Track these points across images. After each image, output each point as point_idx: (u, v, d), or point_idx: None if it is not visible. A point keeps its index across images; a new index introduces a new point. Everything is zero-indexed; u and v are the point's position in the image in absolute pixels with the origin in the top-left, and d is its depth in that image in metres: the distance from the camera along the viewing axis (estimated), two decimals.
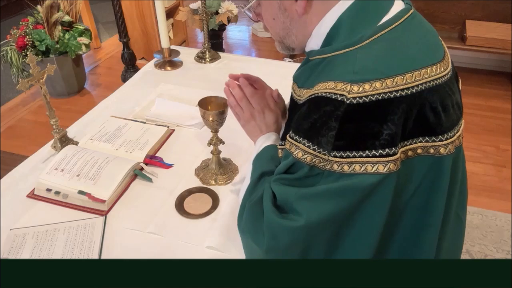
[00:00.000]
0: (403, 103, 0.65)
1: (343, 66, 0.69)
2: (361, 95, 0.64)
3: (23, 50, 2.81)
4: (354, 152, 0.66)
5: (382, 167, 0.66)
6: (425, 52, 0.71)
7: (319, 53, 0.76)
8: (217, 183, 1.13)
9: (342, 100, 0.65)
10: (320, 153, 0.67)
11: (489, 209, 2.16)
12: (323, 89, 0.68)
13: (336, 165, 0.67)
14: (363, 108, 0.64)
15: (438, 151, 0.71)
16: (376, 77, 0.65)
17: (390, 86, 0.65)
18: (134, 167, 1.13)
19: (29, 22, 2.89)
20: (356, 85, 0.65)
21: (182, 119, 1.38)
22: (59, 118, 1.22)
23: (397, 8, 0.72)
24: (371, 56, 0.67)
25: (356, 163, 0.66)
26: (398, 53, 0.68)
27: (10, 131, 2.88)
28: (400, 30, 0.70)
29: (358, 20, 0.71)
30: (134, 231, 0.99)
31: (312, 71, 0.77)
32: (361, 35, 0.69)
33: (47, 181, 1.08)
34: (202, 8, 1.77)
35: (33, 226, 1.00)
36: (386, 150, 0.65)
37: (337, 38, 0.72)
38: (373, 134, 0.65)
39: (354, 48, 0.69)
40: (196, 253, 0.94)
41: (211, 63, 1.79)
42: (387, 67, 0.66)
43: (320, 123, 0.67)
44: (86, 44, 3.01)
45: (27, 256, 0.93)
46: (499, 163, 2.50)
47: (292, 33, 0.80)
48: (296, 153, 0.70)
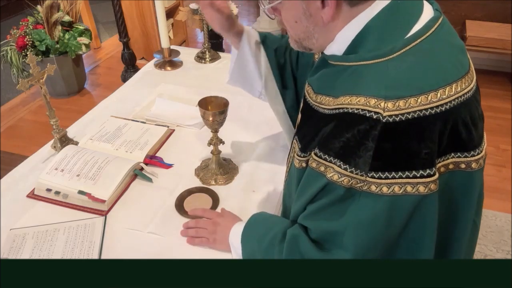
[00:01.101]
0: (438, 120, 0.63)
1: (373, 79, 0.65)
2: (397, 113, 0.61)
3: (23, 50, 2.81)
4: (394, 173, 0.63)
5: (423, 188, 0.64)
6: (455, 65, 0.68)
7: (343, 59, 0.71)
8: (217, 183, 1.13)
9: (377, 119, 0.61)
10: (357, 174, 0.64)
11: (489, 209, 2.16)
12: (353, 104, 0.65)
13: (374, 186, 0.64)
14: (400, 127, 0.62)
15: (469, 166, 0.70)
16: (410, 93, 0.62)
17: (425, 103, 0.62)
18: (134, 167, 1.13)
19: (29, 22, 2.89)
20: (390, 102, 0.61)
21: (182, 119, 1.38)
22: (59, 118, 1.22)
23: (427, 16, 0.69)
24: (403, 70, 0.64)
25: (395, 184, 0.63)
26: (430, 66, 0.66)
27: (10, 131, 2.88)
28: (431, 41, 0.67)
29: (388, 28, 0.67)
30: (134, 231, 0.99)
31: (333, 78, 0.73)
32: (392, 45, 0.65)
33: (47, 181, 1.08)
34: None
35: (33, 226, 1.00)
36: (427, 170, 0.63)
37: (364, 46, 0.68)
38: (412, 153, 0.63)
39: (385, 59, 0.65)
40: (196, 253, 0.94)
41: (211, 63, 1.79)
42: (421, 82, 0.63)
43: (355, 143, 0.64)
44: (86, 44, 3.01)
45: (27, 256, 0.93)
46: (499, 163, 2.50)
47: (314, 36, 0.75)
48: (331, 176, 0.66)
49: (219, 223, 0.96)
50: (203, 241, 0.95)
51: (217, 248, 0.95)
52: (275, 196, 1.09)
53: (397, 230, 0.67)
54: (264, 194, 1.10)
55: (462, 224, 0.74)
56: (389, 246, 0.69)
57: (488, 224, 2.09)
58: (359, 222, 0.66)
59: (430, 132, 0.63)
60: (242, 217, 0.99)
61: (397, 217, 0.66)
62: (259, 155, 1.23)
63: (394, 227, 0.67)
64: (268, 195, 1.10)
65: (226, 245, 0.93)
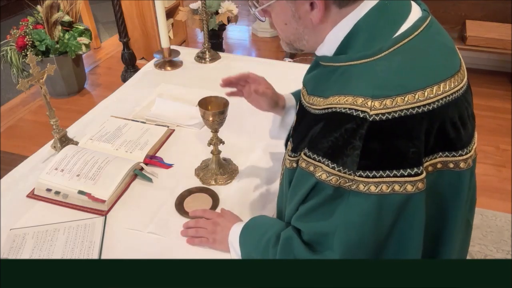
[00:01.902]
0: (425, 119, 0.63)
1: (361, 78, 0.65)
2: (383, 111, 0.62)
3: (23, 50, 2.81)
4: (381, 172, 0.63)
5: (410, 186, 0.64)
6: (444, 64, 0.69)
7: (333, 60, 0.72)
8: (217, 183, 1.13)
9: (364, 117, 0.62)
10: (345, 173, 0.64)
11: (489, 209, 2.16)
12: (341, 103, 0.65)
13: (362, 185, 0.64)
14: (387, 126, 0.62)
15: (458, 166, 0.70)
16: (397, 92, 0.62)
17: (412, 102, 0.62)
18: (134, 167, 1.13)
19: (29, 22, 2.89)
20: (377, 100, 0.62)
21: (182, 119, 1.38)
22: (59, 118, 1.22)
23: (415, 15, 0.69)
24: (391, 69, 0.65)
25: (383, 183, 0.64)
26: (418, 66, 0.66)
27: (10, 131, 2.88)
28: (419, 40, 0.67)
29: (376, 28, 0.67)
30: (134, 231, 0.99)
31: (324, 79, 0.74)
32: (380, 45, 0.66)
33: (47, 181, 1.08)
34: (202, 8, 1.77)
35: (33, 226, 1.00)
36: (415, 169, 0.63)
37: (353, 47, 0.68)
38: (399, 152, 0.63)
39: (373, 59, 0.66)
40: (196, 253, 0.94)
41: (211, 63, 1.79)
42: (408, 82, 0.64)
43: (343, 142, 0.64)
44: (86, 44, 3.01)
45: (27, 256, 0.93)
46: (499, 163, 2.50)
47: (304, 38, 0.76)
48: (319, 175, 0.67)
49: (219, 223, 0.96)
50: (202, 241, 0.95)
51: (217, 248, 0.95)
52: (275, 196, 1.08)
53: (385, 229, 0.67)
54: (264, 194, 1.10)
55: (452, 224, 0.75)
56: (377, 245, 0.69)
57: (488, 224, 2.09)
58: (348, 222, 0.67)
59: (417, 131, 0.63)
60: (242, 217, 0.99)
61: (385, 216, 0.66)
62: (259, 155, 1.23)
63: (383, 226, 0.67)
64: (268, 195, 1.10)
65: (226, 245, 0.93)
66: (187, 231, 0.98)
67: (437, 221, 0.73)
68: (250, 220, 0.91)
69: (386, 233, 0.68)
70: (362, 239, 0.67)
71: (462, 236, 0.82)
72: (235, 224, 0.94)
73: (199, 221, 0.98)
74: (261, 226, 0.87)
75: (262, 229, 0.85)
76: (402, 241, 0.69)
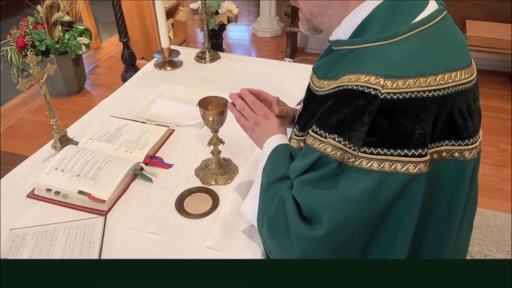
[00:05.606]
0: (435, 104, 0.64)
1: (375, 59, 0.67)
2: (395, 91, 0.63)
3: (23, 50, 2.81)
4: (386, 150, 0.65)
5: (412, 167, 0.65)
6: (456, 55, 0.70)
7: (348, 43, 0.73)
8: (217, 183, 1.13)
9: (376, 95, 0.63)
10: (350, 148, 0.66)
11: (489, 209, 2.16)
12: (353, 81, 0.66)
13: (365, 162, 0.65)
14: (397, 105, 0.63)
15: (463, 155, 0.70)
16: (410, 74, 0.64)
17: (423, 86, 0.64)
18: (134, 167, 1.13)
19: (29, 22, 2.89)
20: (389, 80, 0.63)
21: (182, 119, 1.38)
22: (59, 118, 1.22)
23: (432, 8, 0.71)
24: (405, 52, 0.66)
25: (386, 161, 0.65)
26: (432, 52, 0.67)
27: (10, 131, 2.88)
28: (434, 30, 0.69)
29: (394, 15, 0.69)
30: (134, 231, 0.99)
31: (337, 62, 0.74)
32: (397, 30, 0.67)
33: (47, 181, 1.08)
34: (202, 8, 1.77)
35: (33, 226, 1.00)
36: (419, 150, 0.65)
37: (369, 31, 0.70)
38: (406, 132, 0.64)
39: (388, 42, 0.67)
40: (196, 253, 0.94)
41: (211, 63, 1.79)
42: (421, 66, 0.65)
43: (352, 118, 0.65)
44: (86, 44, 3.01)
45: (27, 256, 0.93)
46: (499, 163, 2.50)
47: (327, 13, 0.75)
48: (324, 148, 0.68)
49: (261, 125, 0.94)
50: (241, 126, 0.98)
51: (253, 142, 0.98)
52: None
53: (380, 209, 0.68)
54: None
55: (454, 215, 0.75)
56: (369, 227, 0.70)
57: (488, 224, 2.09)
58: (345, 197, 0.67)
59: (426, 114, 0.64)
60: (242, 217, 0.98)
61: (383, 196, 0.66)
62: (259, 155, 1.23)
63: (378, 206, 0.67)
64: None
65: (260, 147, 0.95)
66: (233, 107, 0.97)
67: (441, 214, 0.74)
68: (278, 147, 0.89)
69: (380, 215, 0.68)
70: (354, 215, 0.68)
71: (463, 237, 0.82)
72: (274, 135, 0.92)
73: (245, 109, 0.96)
74: (284, 164, 0.85)
75: (281, 163, 0.85)
76: (395, 225, 0.69)
